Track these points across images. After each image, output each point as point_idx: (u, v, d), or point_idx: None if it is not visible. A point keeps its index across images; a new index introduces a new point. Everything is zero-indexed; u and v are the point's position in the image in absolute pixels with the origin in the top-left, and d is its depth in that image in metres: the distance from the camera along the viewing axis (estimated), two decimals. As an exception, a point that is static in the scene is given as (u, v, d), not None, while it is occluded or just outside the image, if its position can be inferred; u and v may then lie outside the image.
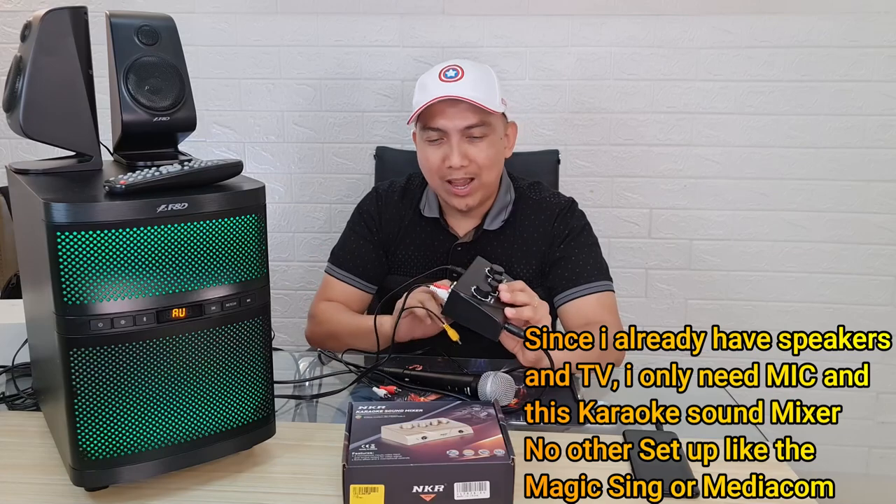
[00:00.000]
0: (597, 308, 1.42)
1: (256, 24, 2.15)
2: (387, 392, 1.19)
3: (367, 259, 1.55)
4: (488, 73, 1.47)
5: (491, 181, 1.47)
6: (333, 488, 0.91)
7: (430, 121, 1.42)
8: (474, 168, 1.42)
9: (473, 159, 1.42)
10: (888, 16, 2.03)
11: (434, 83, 1.42)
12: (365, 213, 1.58)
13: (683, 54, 2.08)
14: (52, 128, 0.97)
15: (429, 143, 1.45)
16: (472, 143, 1.42)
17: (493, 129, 1.44)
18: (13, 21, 2.17)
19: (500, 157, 1.48)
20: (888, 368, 2.17)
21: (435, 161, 1.44)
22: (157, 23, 0.98)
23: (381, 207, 1.57)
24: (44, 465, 0.97)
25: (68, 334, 0.83)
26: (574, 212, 1.53)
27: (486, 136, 1.42)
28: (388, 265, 1.57)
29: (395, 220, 1.56)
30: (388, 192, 1.59)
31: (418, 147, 1.50)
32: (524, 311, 1.15)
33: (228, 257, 0.90)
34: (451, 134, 1.41)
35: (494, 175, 1.47)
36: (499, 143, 1.46)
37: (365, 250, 1.55)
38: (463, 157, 1.41)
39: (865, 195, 2.12)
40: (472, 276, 1.18)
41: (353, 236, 1.58)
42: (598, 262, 1.49)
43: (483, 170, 1.43)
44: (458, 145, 1.41)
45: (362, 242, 1.56)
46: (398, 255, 1.56)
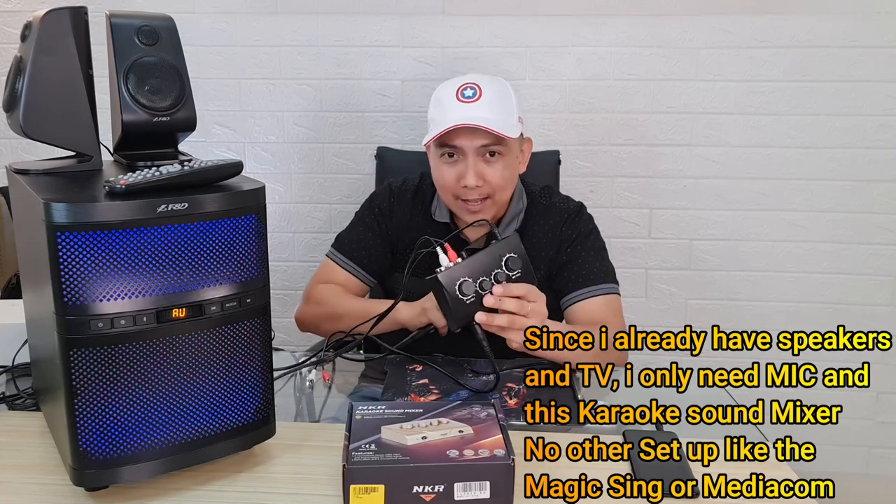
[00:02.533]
0: (603, 310, 1.42)
1: (256, 24, 2.15)
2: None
3: (371, 251, 1.54)
4: (505, 90, 1.45)
5: (504, 199, 1.46)
6: (333, 488, 0.91)
7: (447, 139, 1.40)
8: (488, 189, 1.41)
9: (489, 180, 1.40)
10: (888, 16, 2.03)
11: (451, 103, 1.40)
12: (376, 207, 1.57)
13: (683, 54, 2.08)
14: (52, 128, 0.97)
15: (444, 161, 1.43)
16: (487, 164, 1.40)
17: (509, 150, 1.42)
18: (13, 21, 2.17)
19: (514, 177, 1.47)
20: (888, 368, 2.17)
21: (450, 179, 1.42)
22: (157, 23, 0.98)
23: (393, 204, 1.56)
24: (44, 465, 0.97)
25: (68, 334, 0.82)
26: (582, 216, 1.53)
27: (502, 156, 1.41)
28: (394, 263, 1.56)
29: (405, 218, 1.55)
30: (402, 189, 1.58)
31: (433, 162, 1.47)
32: (498, 318, 1.14)
33: (228, 257, 0.90)
34: (467, 153, 1.39)
35: (508, 194, 1.46)
36: (514, 162, 1.45)
37: (371, 242, 1.55)
38: (478, 178, 1.39)
39: (865, 195, 2.12)
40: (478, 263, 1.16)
41: (360, 226, 1.57)
42: (605, 265, 1.48)
43: (497, 191, 1.42)
44: (475, 165, 1.39)
45: (370, 235, 1.55)
46: (405, 253, 1.55)
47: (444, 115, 1.40)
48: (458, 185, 1.41)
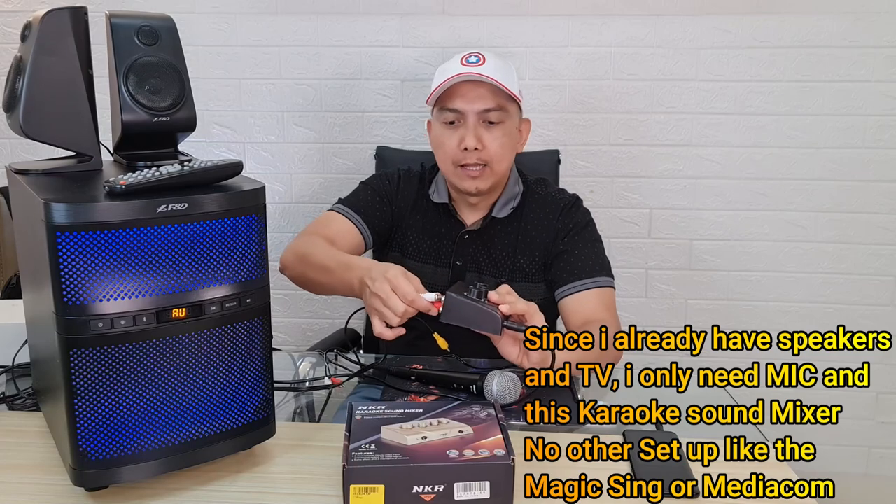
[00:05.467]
0: (596, 304, 1.42)
1: (256, 24, 2.15)
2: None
3: (374, 209, 1.56)
4: (509, 64, 1.51)
5: (502, 171, 1.49)
6: (333, 488, 0.91)
7: (449, 101, 1.45)
8: (487, 155, 1.45)
9: (487, 146, 1.44)
10: (888, 16, 2.03)
11: (456, 67, 1.45)
12: (385, 179, 1.61)
13: (683, 54, 2.08)
14: (52, 128, 0.97)
15: (445, 126, 1.47)
16: (487, 129, 1.45)
17: (510, 116, 1.47)
18: (13, 21, 2.17)
19: (512, 148, 1.50)
20: (888, 368, 2.17)
21: (450, 144, 1.46)
22: (157, 23, 0.98)
23: (401, 182, 1.60)
24: (44, 465, 0.97)
25: (68, 334, 0.82)
26: (579, 207, 1.55)
27: (502, 123, 1.45)
28: (391, 240, 1.58)
29: (409, 199, 1.59)
30: (409, 174, 1.62)
31: (434, 130, 1.52)
32: (517, 304, 1.15)
33: (228, 257, 0.90)
34: (468, 116, 1.44)
35: (505, 166, 1.49)
36: (513, 132, 1.49)
37: (376, 203, 1.57)
38: (478, 141, 1.43)
39: (865, 195, 2.12)
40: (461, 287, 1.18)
41: (367, 190, 1.60)
42: (600, 258, 1.49)
43: (494, 159, 1.45)
44: (475, 128, 1.44)
45: (376, 197, 1.57)
46: (406, 235, 1.57)
47: (448, 76, 1.44)
48: (458, 150, 1.45)
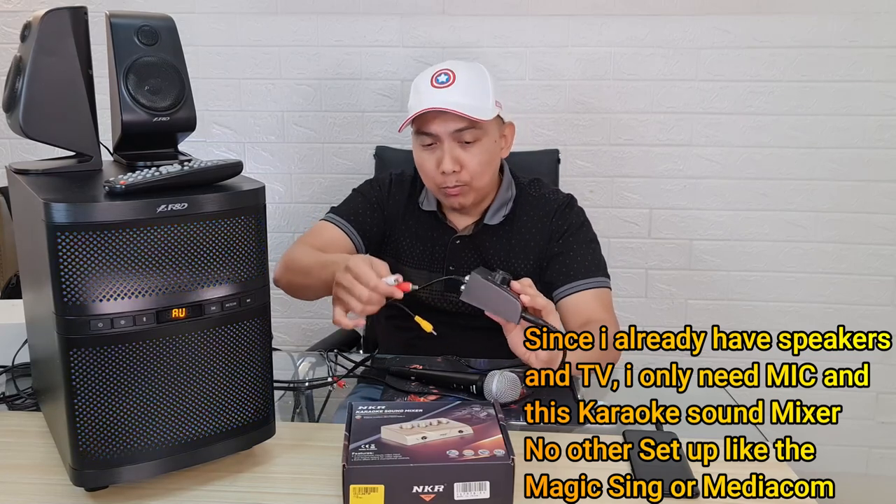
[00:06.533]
0: (593, 304, 1.42)
1: (256, 24, 2.15)
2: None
3: (365, 216, 1.55)
4: (481, 74, 1.46)
5: (483, 185, 1.47)
6: (333, 488, 0.91)
7: (423, 125, 1.43)
8: (466, 175, 1.43)
9: (465, 165, 1.42)
10: (888, 16, 2.03)
11: (426, 89, 1.43)
12: (376, 186, 1.60)
13: (683, 54, 2.08)
14: (52, 128, 0.97)
15: (423, 149, 1.46)
16: (464, 149, 1.42)
17: (486, 133, 1.43)
18: (13, 21, 2.17)
19: (493, 162, 1.48)
20: (888, 368, 2.17)
21: (430, 167, 1.45)
22: (156, 23, 0.98)
23: (393, 189, 1.59)
24: (44, 465, 0.97)
25: (68, 334, 0.82)
26: (573, 208, 1.54)
27: (477, 141, 1.42)
28: (383, 247, 1.57)
29: (400, 205, 1.58)
30: (400, 179, 1.61)
31: (414, 150, 1.50)
32: (538, 298, 1.14)
33: (228, 257, 0.90)
34: (443, 138, 1.42)
35: (486, 180, 1.47)
36: (492, 146, 1.46)
37: (367, 210, 1.56)
38: (455, 162, 1.41)
39: (865, 195, 2.12)
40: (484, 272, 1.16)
41: (359, 197, 1.59)
42: (597, 258, 1.49)
43: (474, 177, 1.44)
44: (451, 150, 1.42)
45: (367, 205, 1.57)
46: (400, 241, 1.56)
47: (418, 101, 1.43)
48: (437, 173, 1.44)
